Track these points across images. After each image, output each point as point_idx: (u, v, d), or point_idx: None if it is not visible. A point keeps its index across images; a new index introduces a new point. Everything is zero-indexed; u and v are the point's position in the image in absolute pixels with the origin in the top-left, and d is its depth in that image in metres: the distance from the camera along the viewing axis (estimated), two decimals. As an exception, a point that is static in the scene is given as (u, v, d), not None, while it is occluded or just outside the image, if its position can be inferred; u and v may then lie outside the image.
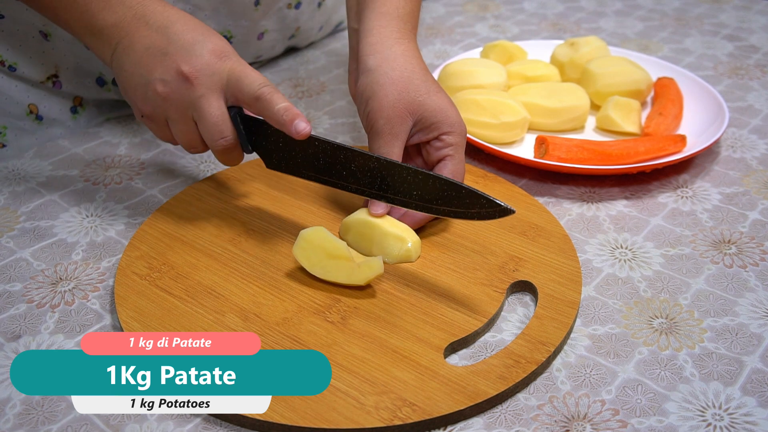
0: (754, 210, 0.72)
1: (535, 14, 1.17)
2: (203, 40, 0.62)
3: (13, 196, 0.74)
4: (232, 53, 0.63)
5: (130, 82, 0.63)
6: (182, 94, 0.61)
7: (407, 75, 0.65)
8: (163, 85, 0.61)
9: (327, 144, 0.62)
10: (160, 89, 0.62)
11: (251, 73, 0.62)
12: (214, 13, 0.85)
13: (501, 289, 0.60)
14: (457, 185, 0.58)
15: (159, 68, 0.61)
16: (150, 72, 0.62)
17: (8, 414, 0.52)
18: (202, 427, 0.51)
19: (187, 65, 0.61)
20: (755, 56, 1.02)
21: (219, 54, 0.62)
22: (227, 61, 0.62)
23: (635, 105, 0.82)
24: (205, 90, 0.61)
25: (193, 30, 0.62)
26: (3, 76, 0.80)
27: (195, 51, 0.61)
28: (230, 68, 0.62)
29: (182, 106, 0.62)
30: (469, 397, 0.51)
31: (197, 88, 0.61)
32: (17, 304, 0.61)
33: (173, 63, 0.61)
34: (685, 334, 0.58)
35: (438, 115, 0.65)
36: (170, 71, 0.61)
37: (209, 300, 0.59)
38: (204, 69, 0.61)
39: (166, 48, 0.61)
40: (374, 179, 0.61)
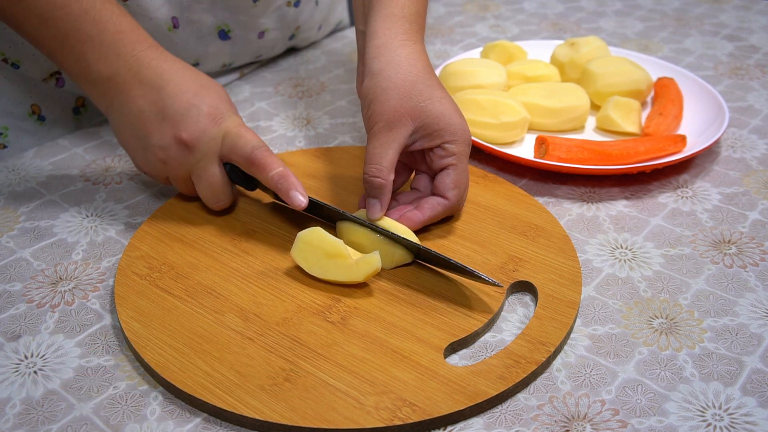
0: (754, 210, 0.72)
1: (535, 14, 1.17)
2: (199, 104, 0.63)
3: (13, 196, 0.74)
4: (228, 112, 0.65)
5: (129, 141, 0.66)
6: (181, 160, 0.64)
7: (411, 79, 0.64)
8: (162, 151, 0.64)
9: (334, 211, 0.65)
10: (160, 155, 0.64)
11: (245, 134, 0.63)
12: (212, 5, 0.85)
13: (501, 289, 0.60)
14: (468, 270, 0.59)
15: (156, 134, 0.64)
16: (147, 137, 0.64)
17: (8, 414, 0.52)
18: (202, 427, 0.51)
19: (185, 132, 0.63)
20: (755, 56, 1.02)
21: (215, 117, 0.64)
22: (223, 123, 0.64)
23: (635, 105, 0.82)
24: (202, 156, 0.64)
25: (188, 91, 0.64)
26: (6, 76, 0.80)
27: (191, 116, 0.63)
28: (226, 131, 0.64)
29: (182, 170, 0.65)
30: (469, 397, 0.51)
31: (195, 154, 0.64)
32: (17, 304, 0.61)
33: (171, 130, 0.63)
34: (685, 334, 0.58)
35: (441, 122, 0.64)
36: (168, 138, 0.63)
37: (209, 300, 0.59)
38: (201, 135, 0.63)
39: (163, 112, 0.63)
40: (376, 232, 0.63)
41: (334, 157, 0.77)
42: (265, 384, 0.52)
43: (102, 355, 0.56)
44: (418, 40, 0.68)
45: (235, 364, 0.54)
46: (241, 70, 0.96)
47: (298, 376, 0.53)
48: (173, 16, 0.82)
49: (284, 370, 0.53)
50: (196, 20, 0.84)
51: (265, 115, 0.88)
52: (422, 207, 0.65)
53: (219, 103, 0.65)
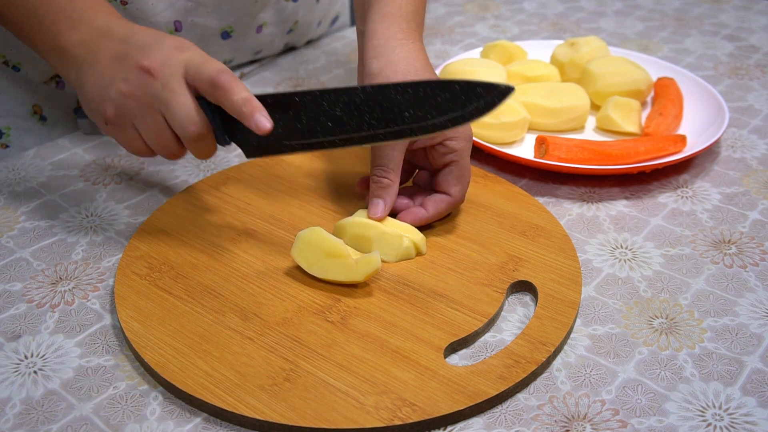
0: (754, 210, 0.72)
1: (535, 14, 1.17)
2: (163, 39, 0.61)
3: (13, 196, 0.74)
4: (193, 47, 0.61)
5: (93, 92, 0.62)
6: (145, 88, 0.60)
7: (409, 78, 0.65)
8: (126, 83, 0.60)
9: (309, 95, 0.58)
10: (123, 88, 0.60)
11: (210, 60, 0.60)
12: (216, 9, 0.85)
13: (501, 289, 0.60)
14: (449, 83, 0.53)
15: (120, 70, 0.60)
16: (112, 75, 0.61)
17: (8, 414, 0.52)
18: (202, 427, 0.51)
19: (147, 59, 0.59)
20: (755, 56, 1.02)
21: (178, 47, 0.60)
22: (186, 52, 0.60)
23: (635, 105, 0.82)
24: (167, 79, 0.59)
25: (154, 34, 0.62)
26: (7, 76, 0.80)
27: (154, 47, 0.60)
28: (189, 57, 0.60)
29: (147, 100, 0.60)
30: (469, 397, 0.51)
31: (159, 78, 0.59)
32: (17, 304, 0.61)
33: (133, 60, 0.60)
34: (685, 334, 0.58)
35: None
36: (131, 69, 0.60)
37: (209, 300, 0.59)
38: (164, 60, 0.59)
39: (128, 50, 0.61)
40: (362, 117, 0.57)
41: (334, 157, 0.77)
42: (265, 384, 0.52)
43: (102, 355, 0.56)
44: (416, 38, 0.68)
45: (235, 364, 0.54)
46: (242, 71, 0.96)
47: (298, 376, 0.53)
48: (176, 20, 0.82)
49: (284, 370, 0.53)
50: (201, 24, 0.85)
51: (265, 115, 0.88)
52: (426, 204, 0.66)
53: (184, 41, 0.62)
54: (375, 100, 0.56)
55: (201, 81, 0.59)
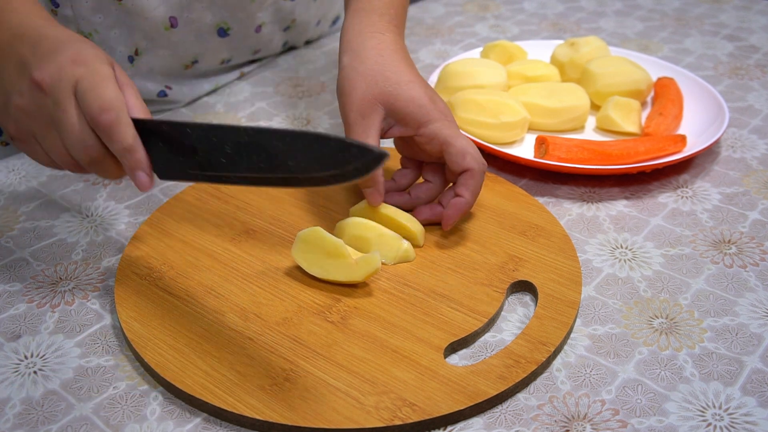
0: (754, 210, 0.72)
1: (535, 14, 1.17)
2: (65, 48, 0.55)
3: (13, 196, 0.74)
4: (92, 60, 0.55)
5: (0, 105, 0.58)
6: (37, 104, 0.55)
7: (377, 68, 0.66)
8: (21, 97, 0.55)
9: (200, 128, 0.53)
10: (19, 102, 0.56)
11: (99, 86, 0.53)
12: (211, 4, 0.85)
13: (501, 289, 0.60)
14: (324, 137, 0.49)
15: (18, 82, 0.56)
16: (12, 86, 0.56)
17: (8, 414, 0.52)
18: (202, 427, 0.51)
19: (39, 72, 0.54)
20: (755, 56, 1.02)
21: (74, 59, 0.54)
22: (80, 67, 0.54)
23: (635, 105, 0.82)
24: (58, 97, 0.54)
25: (63, 41, 0.56)
26: None
27: (51, 58, 0.55)
28: (81, 75, 0.54)
29: (42, 117, 0.55)
30: (469, 397, 0.51)
31: (48, 96, 0.54)
32: (17, 304, 0.61)
33: (28, 72, 0.55)
34: (685, 334, 0.58)
35: (410, 105, 0.64)
36: (25, 81, 0.55)
37: (209, 300, 0.59)
38: (56, 75, 0.54)
39: (30, 60, 0.55)
40: (251, 159, 0.52)
41: (334, 157, 0.77)
42: (265, 384, 0.52)
43: (102, 355, 0.56)
44: (389, 30, 0.69)
45: (235, 364, 0.54)
46: (241, 71, 0.96)
47: (298, 376, 0.53)
48: (171, 16, 0.82)
49: (284, 370, 0.53)
50: (196, 19, 0.85)
51: (265, 115, 0.88)
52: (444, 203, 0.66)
53: (88, 49, 0.56)
54: (259, 144, 0.52)
55: (85, 113, 0.54)
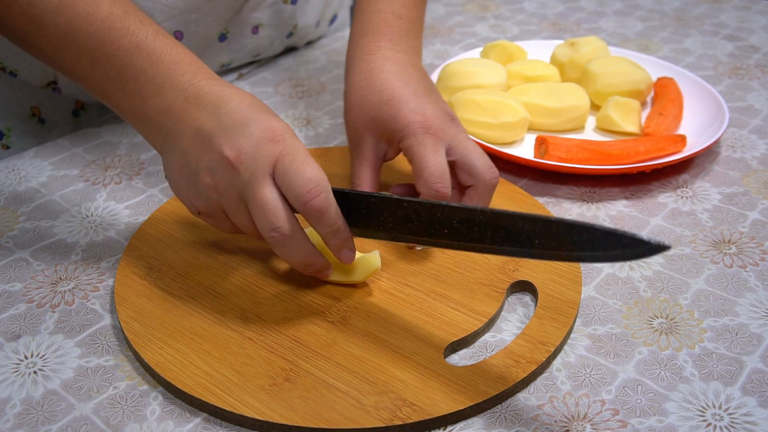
0: (754, 210, 0.72)
1: (535, 14, 1.17)
2: (255, 120, 0.54)
3: (13, 196, 0.74)
4: (288, 135, 0.54)
5: (180, 174, 0.56)
6: (229, 182, 0.54)
7: (361, 94, 0.66)
8: (210, 174, 0.54)
9: (420, 204, 0.54)
10: (208, 180, 0.54)
11: (304, 167, 0.53)
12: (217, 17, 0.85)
13: (501, 289, 0.60)
14: (587, 227, 0.47)
15: (206, 155, 0.54)
16: (198, 160, 0.55)
17: (8, 414, 0.52)
18: (202, 427, 0.51)
19: (231, 149, 0.53)
20: (755, 56, 1.02)
21: (270, 136, 0.53)
22: (278, 145, 0.53)
23: (635, 105, 0.82)
24: (251, 176, 0.53)
25: (248, 108, 0.55)
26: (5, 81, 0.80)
27: (243, 132, 0.53)
28: (281, 154, 0.53)
29: (234, 195, 0.54)
30: (469, 397, 0.51)
31: (242, 173, 0.53)
32: (17, 304, 0.61)
33: (218, 147, 0.53)
34: (685, 334, 0.58)
35: (390, 123, 0.64)
36: (216, 157, 0.54)
37: (209, 300, 0.59)
38: (250, 152, 0.53)
39: (214, 131, 0.54)
40: (483, 233, 0.52)
41: (334, 157, 0.77)
42: (265, 384, 0.52)
43: (102, 355, 0.56)
44: (378, 48, 0.68)
45: (235, 364, 0.54)
46: (240, 71, 0.96)
47: (298, 376, 0.53)
48: (177, 30, 0.82)
49: (284, 370, 0.53)
50: (201, 33, 0.84)
51: (265, 115, 0.88)
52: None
53: (279, 125, 0.55)
54: (498, 224, 0.51)
55: (289, 194, 0.53)
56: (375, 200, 0.56)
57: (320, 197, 0.53)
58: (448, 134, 0.63)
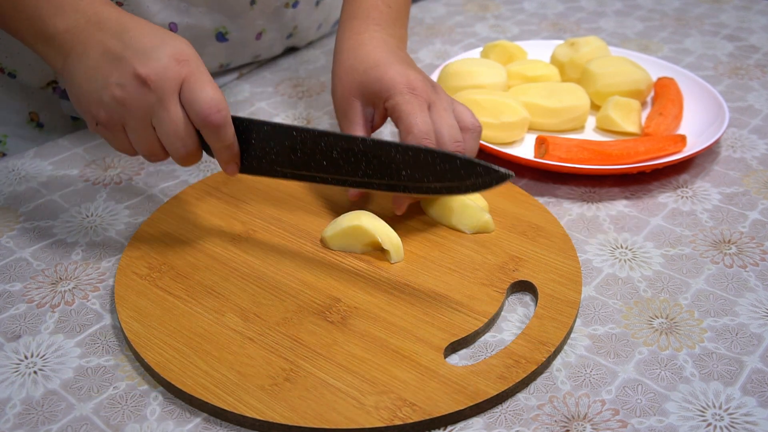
0: (754, 210, 0.72)
1: (535, 14, 1.17)
2: (162, 44, 0.58)
3: (13, 196, 0.74)
4: (194, 59, 0.59)
5: (84, 88, 0.60)
6: (140, 98, 0.58)
7: (349, 63, 0.69)
8: (120, 89, 0.58)
9: (307, 132, 0.59)
10: (117, 93, 0.58)
11: (206, 85, 0.58)
12: (209, 9, 0.85)
13: (501, 289, 0.60)
14: (451, 156, 0.55)
15: (115, 72, 0.58)
16: (106, 77, 0.58)
17: (8, 414, 0.52)
18: (202, 427, 0.51)
19: (144, 68, 0.57)
20: (755, 56, 1.02)
21: (178, 58, 0.58)
22: (185, 66, 0.58)
23: (635, 105, 0.82)
24: (162, 94, 0.58)
25: (151, 34, 0.59)
26: (3, 84, 0.80)
27: (153, 54, 0.58)
28: (187, 74, 0.58)
29: (140, 111, 0.58)
30: (469, 397, 0.51)
31: (154, 92, 0.57)
32: (17, 304, 0.61)
33: (130, 66, 0.57)
34: (685, 334, 0.58)
35: (376, 85, 0.66)
36: (127, 75, 0.57)
37: (209, 300, 0.59)
38: (161, 72, 0.57)
39: (122, 53, 0.58)
40: (357, 165, 0.58)
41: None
42: (265, 384, 0.52)
43: (102, 355, 0.56)
44: (367, 29, 0.72)
45: (235, 364, 0.54)
46: (240, 71, 0.96)
47: (298, 376, 0.53)
48: (171, 22, 0.82)
49: (284, 370, 0.53)
50: (194, 24, 0.84)
51: (265, 115, 0.88)
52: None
53: (184, 47, 0.59)
54: (373, 154, 0.58)
55: (192, 110, 0.58)
56: (267, 128, 0.60)
57: (220, 114, 0.58)
58: (431, 96, 0.66)
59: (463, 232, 0.66)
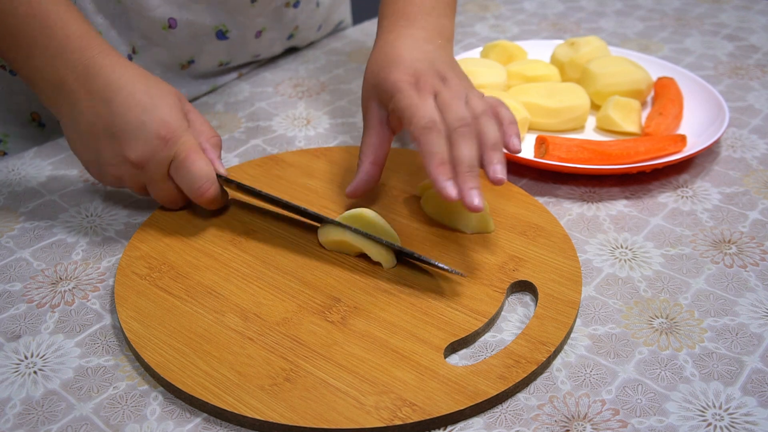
0: (754, 210, 0.72)
1: (535, 14, 1.17)
2: (148, 121, 0.61)
3: (13, 196, 0.74)
4: (179, 130, 0.62)
5: (82, 152, 0.64)
6: (134, 177, 0.63)
7: (370, 65, 0.69)
8: (115, 168, 0.63)
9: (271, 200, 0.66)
10: (113, 172, 0.63)
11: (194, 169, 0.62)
12: (209, 5, 0.85)
13: (501, 289, 0.60)
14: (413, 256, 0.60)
15: (107, 151, 0.62)
16: (99, 152, 0.62)
17: (8, 414, 0.52)
18: (202, 427, 0.51)
19: (134, 153, 0.61)
20: (755, 56, 1.02)
21: (165, 138, 0.61)
22: (171, 147, 0.62)
23: (635, 105, 0.82)
24: (153, 174, 0.63)
25: (138, 106, 0.61)
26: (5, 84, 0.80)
27: (140, 136, 0.61)
28: (174, 155, 0.62)
29: (137, 185, 0.65)
30: (469, 397, 0.51)
31: (146, 173, 0.63)
32: (17, 304, 0.61)
33: (120, 149, 0.61)
34: (685, 334, 0.58)
35: (384, 85, 0.65)
36: (119, 157, 0.62)
37: (209, 300, 0.59)
38: (150, 157, 0.61)
39: (111, 129, 0.61)
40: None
41: (334, 157, 0.77)
42: (265, 384, 0.52)
43: (102, 355, 0.56)
44: (395, 29, 0.70)
45: (235, 364, 0.54)
46: (240, 71, 0.96)
47: (298, 376, 0.53)
48: (171, 17, 0.82)
49: (284, 370, 0.53)
50: (194, 20, 0.84)
51: (265, 115, 0.88)
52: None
53: (171, 118, 0.62)
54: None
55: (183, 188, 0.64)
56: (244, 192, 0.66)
57: (209, 191, 0.63)
58: (436, 86, 0.63)
59: (463, 232, 0.66)
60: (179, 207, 0.68)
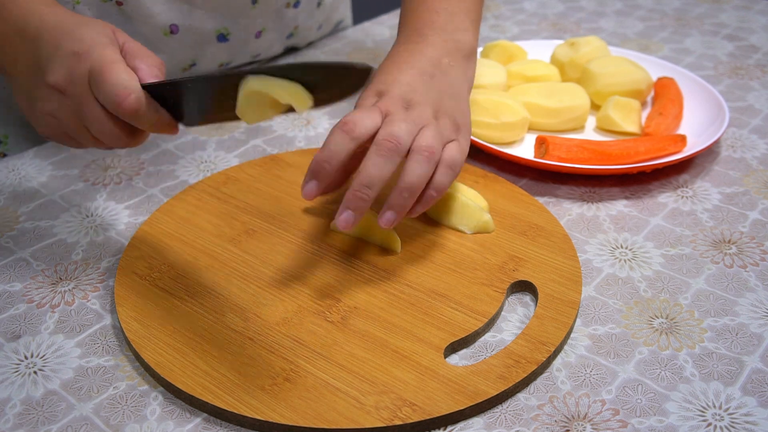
0: (754, 210, 0.72)
1: (535, 14, 1.17)
2: (65, 42, 0.55)
3: (13, 196, 0.74)
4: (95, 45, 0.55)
5: (22, 102, 0.60)
6: (63, 107, 0.56)
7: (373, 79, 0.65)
8: (43, 102, 0.57)
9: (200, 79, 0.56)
10: (43, 107, 0.57)
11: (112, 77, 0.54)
12: (211, 11, 0.85)
13: (501, 289, 0.60)
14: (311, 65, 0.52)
15: (35, 88, 0.57)
16: (30, 91, 0.58)
17: (8, 414, 0.52)
18: (202, 427, 0.51)
19: (52, 76, 0.55)
20: (755, 56, 1.02)
21: (79, 54, 0.55)
22: (85, 61, 0.55)
23: (635, 105, 0.82)
24: (76, 96, 0.55)
25: (57, 33, 0.56)
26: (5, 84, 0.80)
27: (57, 57, 0.55)
28: (89, 70, 0.54)
29: (68, 116, 0.57)
30: (469, 397, 0.51)
31: (68, 96, 0.56)
32: (17, 304, 0.61)
33: (44, 77, 0.56)
34: (685, 334, 0.58)
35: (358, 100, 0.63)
36: (42, 88, 0.56)
37: (209, 300, 0.59)
38: (66, 76, 0.55)
39: (39, 62, 0.56)
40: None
41: (334, 157, 0.77)
42: (265, 384, 0.52)
43: (102, 355, 0.56)
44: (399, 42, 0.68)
45: (235, 364, 0.54)
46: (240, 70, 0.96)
47: (298, 376, 0.53)
48: (172, 24, 0.82)
49: (284, 370, 0.53)
50: (196, 26, 0.84)
51: (265, 115, 0.88)
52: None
53: (88, 36, 0.56)
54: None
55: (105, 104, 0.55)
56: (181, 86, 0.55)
57: (129, 99, 0.53)
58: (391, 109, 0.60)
59: (463, 232, 0.66)
60: (125, 142, 0.57)
